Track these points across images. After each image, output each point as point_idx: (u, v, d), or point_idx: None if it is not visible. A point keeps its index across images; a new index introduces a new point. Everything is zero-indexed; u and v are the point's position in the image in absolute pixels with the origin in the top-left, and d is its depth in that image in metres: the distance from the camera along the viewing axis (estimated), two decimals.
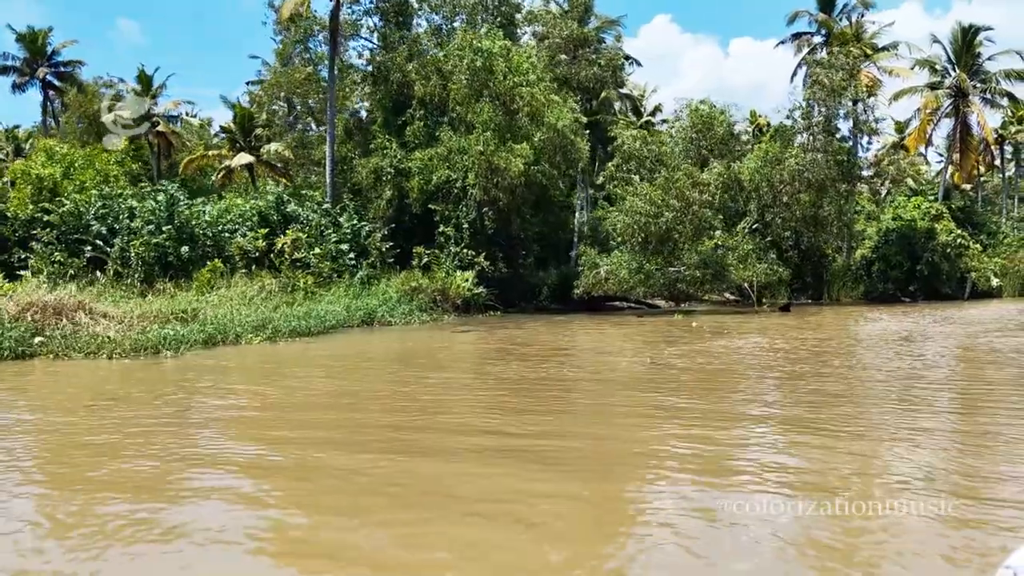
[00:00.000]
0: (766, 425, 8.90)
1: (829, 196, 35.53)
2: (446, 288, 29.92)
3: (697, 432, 8.46)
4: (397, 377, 13.43)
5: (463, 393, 11.81)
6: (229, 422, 9.57)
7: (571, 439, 8.41)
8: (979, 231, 47.77)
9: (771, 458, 7.52)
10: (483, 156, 30.03)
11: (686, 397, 11.04)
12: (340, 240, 30.38)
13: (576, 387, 12.25)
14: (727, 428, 8.68)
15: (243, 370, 14.69)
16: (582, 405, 10.91)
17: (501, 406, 10.49)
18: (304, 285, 26.82)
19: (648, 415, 9.63)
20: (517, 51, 32.24)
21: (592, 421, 9.59)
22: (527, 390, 11.76)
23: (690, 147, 34.62)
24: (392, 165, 32.78)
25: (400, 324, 25.79)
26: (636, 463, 7.55)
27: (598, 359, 15.74)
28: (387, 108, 33.81)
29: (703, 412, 9.73)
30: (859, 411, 9.75)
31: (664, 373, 13.36)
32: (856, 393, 11.14)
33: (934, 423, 9.09)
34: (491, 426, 9.17)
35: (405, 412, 10.11)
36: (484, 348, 19.20)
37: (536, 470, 7.12)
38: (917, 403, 10.24)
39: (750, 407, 10.15)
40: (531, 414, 9.85)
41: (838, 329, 22.02)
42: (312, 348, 18.42)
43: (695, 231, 30.22)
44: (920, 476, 6.54)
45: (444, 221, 31.96)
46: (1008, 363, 14.22)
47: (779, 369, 13.77)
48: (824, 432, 8.36)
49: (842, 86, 32.99)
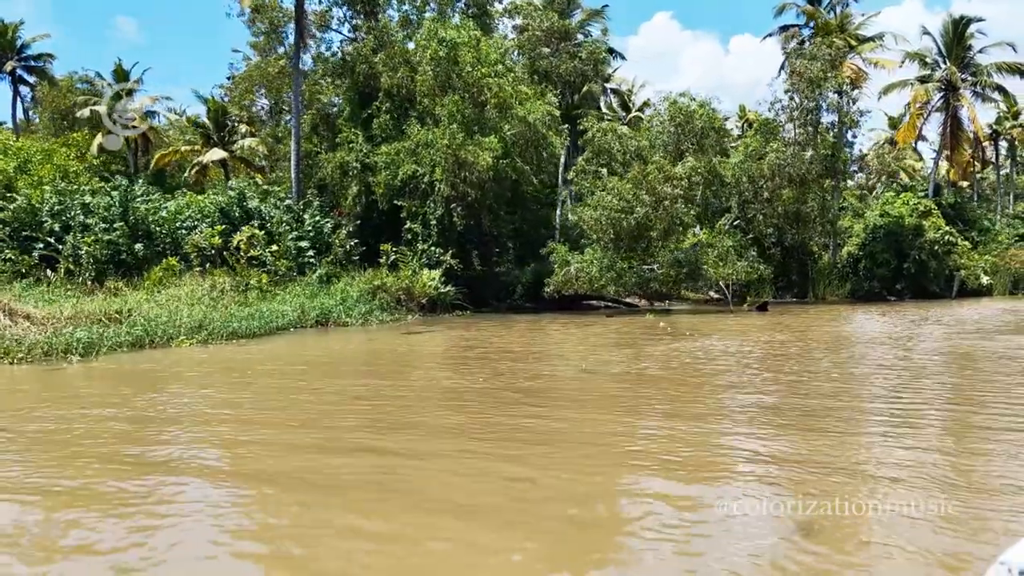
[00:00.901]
0: (648, 471, 7.25)
1: (812, 192, 34.46)
2: (411, 287, 28.89)
3: (546, 474, 7.37)
4: (296, 385, 12.36)
5: (354, 404, 10.71)
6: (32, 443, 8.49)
7: (405, 467, 7.36)
8: (970, 228, 46.64)
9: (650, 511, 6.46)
10: (450, 150, 28.97)
11: (587, 412, 9.91)
12: (301, 237, 29.36)
13: (473, 399, 11.04)
14: (597, 469, 7.48)
15: (138, 377, 13.61)
16: (457, 422, 9.76)
17: (377, 422, 9.42)
18: (258, 284, 25.78)
19: (512, 442, 8.36)
20: (486, 41, 31.15)
21: (442, 447, 8.41)
22: (419, 403, 10.71)
23: (668, 141, 33.48)
24: (358, 160, 31.72)
25: (357, 325, 24.74)
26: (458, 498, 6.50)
27: (532, 365, 14.63)
28: (353, 101, 32.75)
29: (584, 439, 8.62)
30: (774, 433, 8.70)
31: (587, 383, 12.26)
32: (787, 407, 10.09)
33: (853, 453, 8.04)
34: (352, 442, 8.16)
35: (281, 427, 9.07)
36: (424, 351, 18.17)
37: (370, 501, 6.09)
38: (845, 427, 9.20)
39: (649, 431, 9.07)
40: (402, 432, 8.81)
41: (807, 330, 20.95)
42: (242, 351, 17.37)
43: (668, 227, 29.10)
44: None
45: (411, 218, 30.92)
46: (973, 372, 13.17)
47: (721, 377, 12.71)
48: (703, 473, 7.30)
49: (821, 77, 31.82)
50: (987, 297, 39.66)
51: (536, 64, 42.89)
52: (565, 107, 46.63)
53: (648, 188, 28.27)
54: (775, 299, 41.43)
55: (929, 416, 9.31)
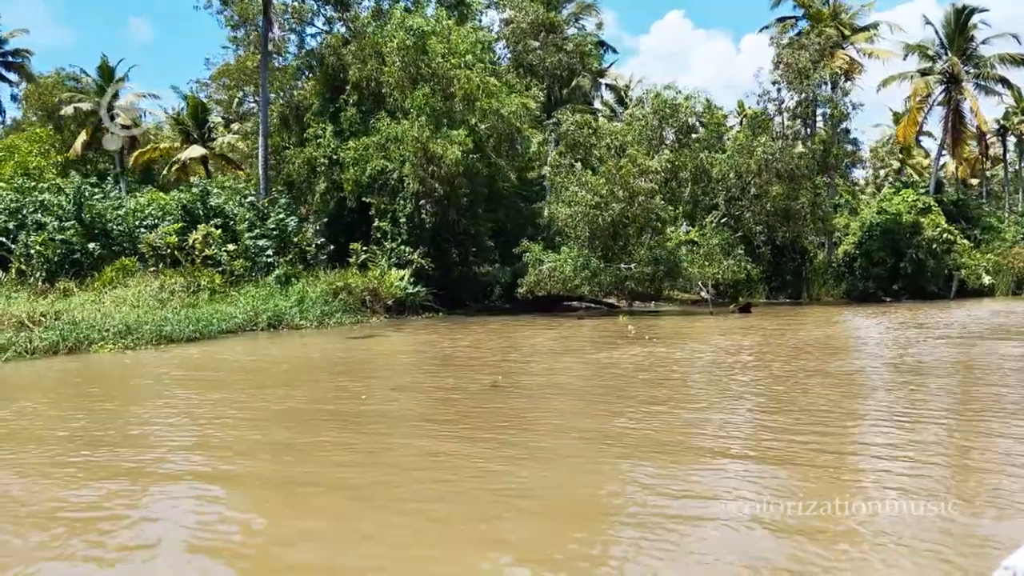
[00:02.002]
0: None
1: (803, 188, 33.01)
2: (378, 288, 27.69)
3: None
4: (163, 399, 11.17)
5: (214, 425, 9.48)
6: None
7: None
8: (973, 226, 44.98)
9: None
10: (418, 143, 27.75)
11: (462, 443, 8.59)
12: (262, 235, 28.21)
13: (354, 421, 9.64)
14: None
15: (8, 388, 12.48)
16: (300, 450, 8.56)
17: (231, 444, 8.21)
18: (210, 284, 24.65)
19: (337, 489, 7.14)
20: (457, 31, 29.91)
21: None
22: (299, 423, 9.48)
23: (652, 135, 32.09)
24: (326, 155, 30.53)
25: (312, 327, 23.58)
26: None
27: (442, 380, 13.26)
28: (322, 94, 31.56)
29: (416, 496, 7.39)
30: (679, 469, 7.44)
31: (489, 403, 10.93)
32: (655, 439, 8.80)
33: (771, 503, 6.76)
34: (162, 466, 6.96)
35: (98, 445, 7.88)
36: (346, 357, 16.96)
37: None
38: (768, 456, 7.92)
39: (528, 456, 7.81)
40: (253, 455, 7.61)
41: (777, 335, 19.60)
42: (164, 358, 16.23)
43: (645, 224, 27.73)
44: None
45: (380, 215, 29.72)
46: (934, 389, 11.84)
47: (631, 391, 11.41)
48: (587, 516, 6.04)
49: (809, 67, 30.32)
50: (988, 298, 38.07)
51: (521, 57, 41.64)
52: (553, 102, 45.42)
53: (622, 183, 26.92)
54: (768, 300, 40.07)
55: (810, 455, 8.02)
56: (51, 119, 53.66)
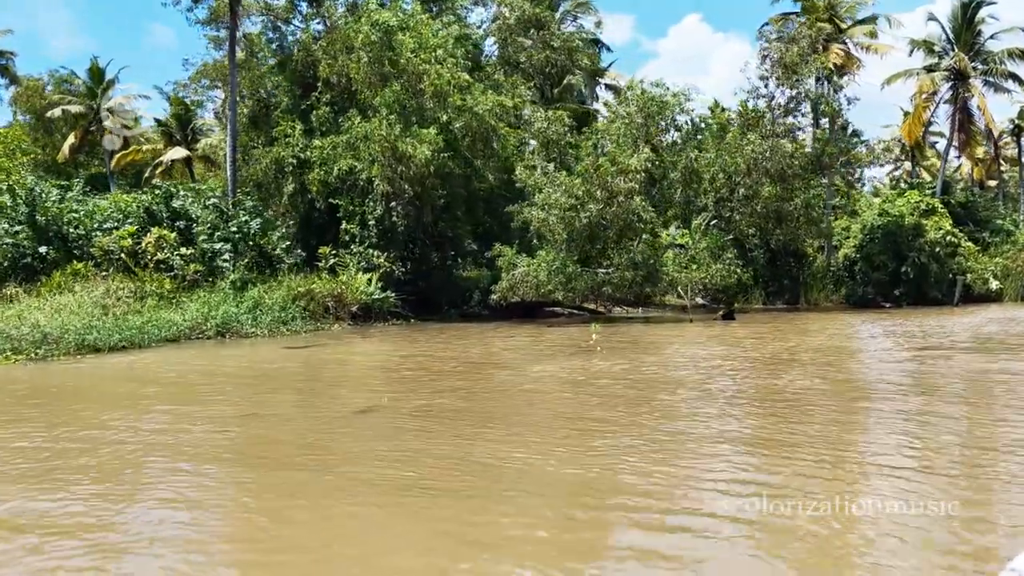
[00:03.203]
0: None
1: (796, 188, 31.40)
2: (342, 293, 26.42)
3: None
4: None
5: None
6: None
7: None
8: (982, 228, 43.10)
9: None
10: (386, 142, 26.49)
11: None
12: (225, 238, 27.00)
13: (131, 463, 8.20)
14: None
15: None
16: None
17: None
18: (159, 289, 23.46)
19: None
20: (427, 25, 28.63)
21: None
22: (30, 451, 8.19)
23: (637, 133, 30.55)
24: (294, 155, 29.34)
25: (264, 335, 22.34)
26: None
27: (338, 399, 11.82)
28: (292, 92, 30.36)
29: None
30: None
31: (335, 434, 9.50)
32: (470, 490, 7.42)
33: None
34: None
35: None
36: (269, 370, 15.67)
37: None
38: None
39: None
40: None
41: (752, 345, 18.12)
42: (71, 370, 15.02)
43: (624, 226, 26.24)
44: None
45: (348, 218, 28.48)
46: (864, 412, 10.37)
47: (509, 417, 10.03)
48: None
49: (796, 61, 28.71)
50: (995, 303, 36.21)
51: (508, 54, 40.31)
52: (544, 101, 44.08)
53: (599, 183, 25.49)
54: (765, 305, 38.46)
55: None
56: (40, 121, 53.05)
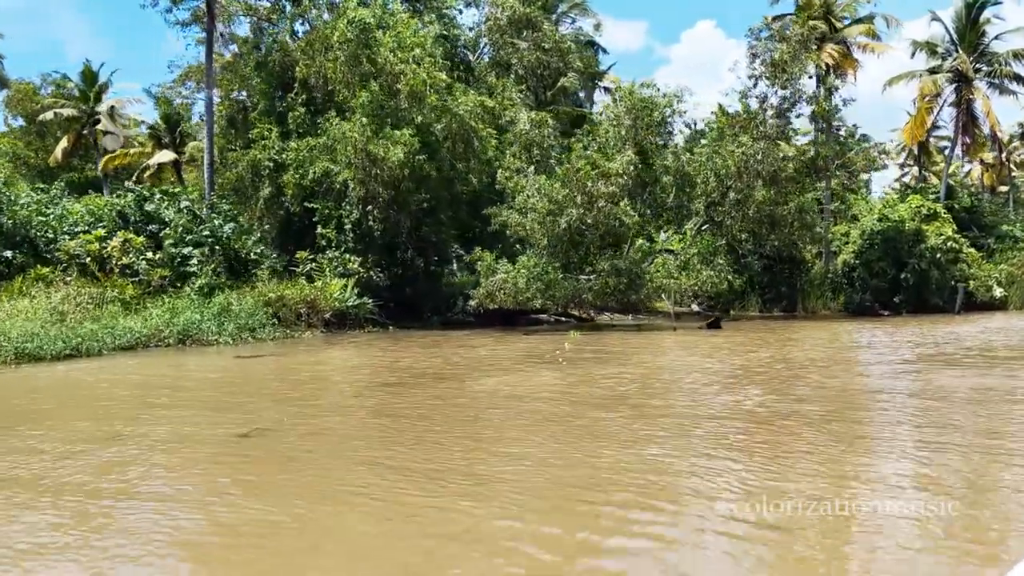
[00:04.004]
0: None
1: (789, 192, 30.35)
2: (316, 300, 25.61)
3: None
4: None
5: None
6: None
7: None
8: (987, 234, 41.92)
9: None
10: (360, 144, 25.70)
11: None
12: (195, 243, 26.23)
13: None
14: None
15: None
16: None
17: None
18: (121, 295, 22.69)
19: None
20: (406, 24, 27.83)
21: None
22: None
23: (626, 136, 29.56)
24: (270, 158, 28.58)
25: (228, 343, 21.54)
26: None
27: (222, 422, 10.87)
28: (268, 93, 29.62)
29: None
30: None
31: (190, 460, 8.71)
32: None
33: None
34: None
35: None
36: (201, 379, 14.84)
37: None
38: None
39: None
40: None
41: (726, 355, 17.16)
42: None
43: (606, 231, 25.30)
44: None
45: (324, 222, 27.70)
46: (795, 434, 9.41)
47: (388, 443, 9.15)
48: None
49: (786, 60, 27.67)
50: (999, 311, 35.03)
51: (500, 56, 39.54)
52: (538, 103, 43.30)
53: (579, 186, 24.58)
54: (761, 312, 37.43)
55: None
56: (32, 124, 52.68)
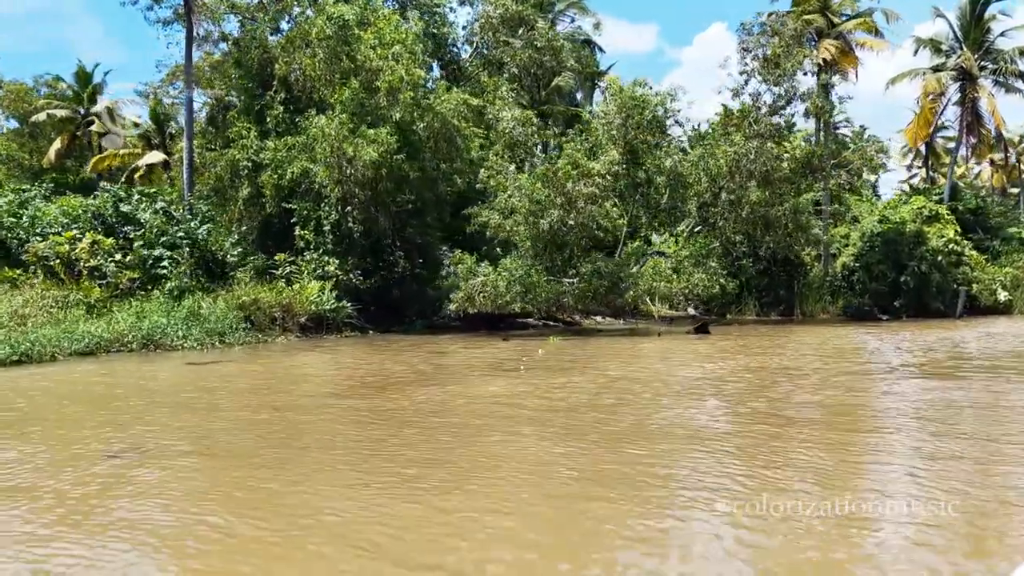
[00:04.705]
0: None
1: (784, 192, 29.46)
2: (291, 303, 24.89)
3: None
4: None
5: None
6: None
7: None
8: (993, 236, 40.83)
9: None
10: (336, 143, 24.98)
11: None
12: (169, 244, 25.58)
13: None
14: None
15: None
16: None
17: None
18: (86, 298, 22.04)
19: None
20: (387, 20, 27.11)
21: None
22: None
23: (616, 135, 28.71)
24: (249, 158, 27.90)
25: (196, 348, 20.84)
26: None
27: (86, 446, 10.31)
28: (248, 91, 28.94)
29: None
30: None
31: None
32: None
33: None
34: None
35: None
36: (126, 390, 14.06)
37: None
38: None
39: None
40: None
41: (698, 363, 16.32)
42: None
43: (584, 233, 24.49)
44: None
45: (303, 223, 26.99)
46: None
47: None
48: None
49: (778, 55, 26.75)
50: (1003, 316, 33.97)
51: (492, 55, 38.78)
52: (532, 103, 42.56)
53: (558, 187, 23.77)
54: (758, 317, 36.51)
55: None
56: (26, 126, 52.34)
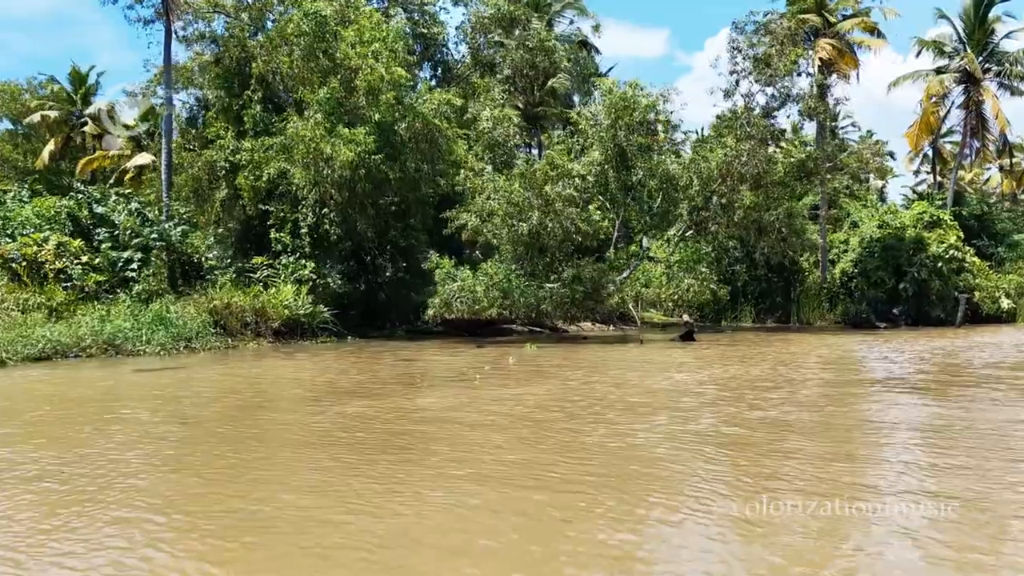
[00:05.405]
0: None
1: (777, 196, 28.59)
2: (264, 307, 24.22)
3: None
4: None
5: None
6: None
7: None
8: (998, 243, 39.79)
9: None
10: (313, 143, 24.32)
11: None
12: (141, 246, 24.92)
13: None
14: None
15: None
16: None
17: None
18: (48, 302, 21.40)
19: None
20: (367, 17, 26.45)
21: None
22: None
23: (605, 137, 27.88)
24: (226, 158, 27.27)
25: (156, 354, 20.18)
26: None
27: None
28: (226, 90, 28.32)
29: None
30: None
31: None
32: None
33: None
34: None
35: None
36: (33, 400, 13.36)
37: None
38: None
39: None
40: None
41: (672, 375, 15.51)
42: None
43: (564, 237, 23.68)
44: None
45: (279, 225, 26.33)
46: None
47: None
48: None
49: (769, 54, 25.89)
50: (1005, 324, 32.92)
51: (484, 56, 38.17)
52: (526, 105, 41.91)
53: (536, 188, 23.00)
54: (755, 324, 35.65)
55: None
56: (20, 127, 52.03)
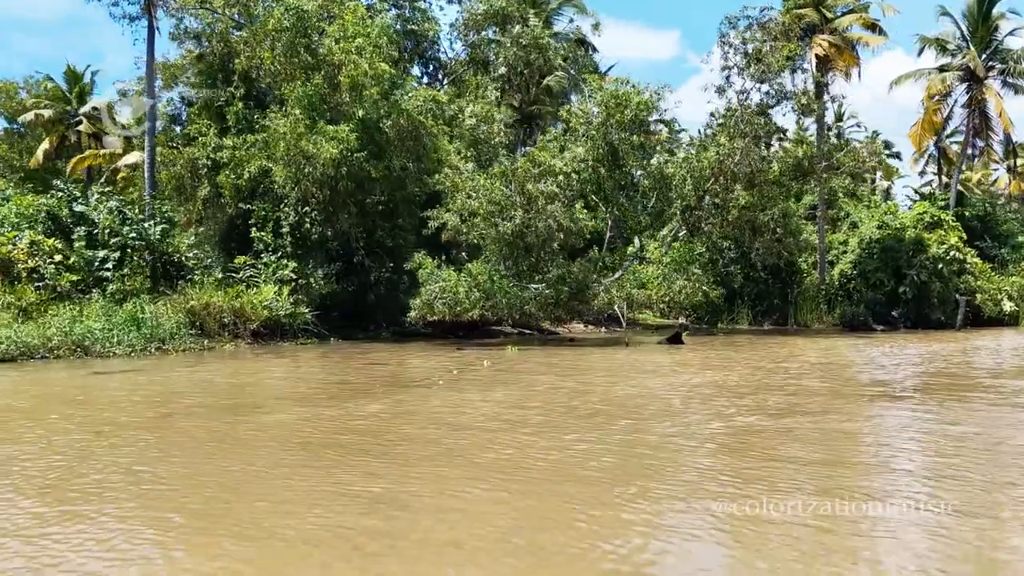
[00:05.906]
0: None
1: (772, 196, 27.91)
2: (243, 308, 23.70)
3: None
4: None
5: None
6: None
7: None
8: (1001, 244, 39.00)
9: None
10: (293, 140, 23.81)
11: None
12: (119, 245, 24.40)
13: None
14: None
15: None
16: None
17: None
18: (18, 300, 20.90)
19: None
20: (351, 10, 25.91)
21: None
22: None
23: (596, 135, 27.22)
24: (208, 156, 26.79)
25: (127, 355, 19.69)
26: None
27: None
28: (208, 86, 27.86)
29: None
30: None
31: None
32: None
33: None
34: None
35: None
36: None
37: None
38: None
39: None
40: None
41: (646, 380, 14.90)
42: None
43: (547, 237, 23.06)
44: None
45: (260, 224, 25.81)
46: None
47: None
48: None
49: (764, 50, 25.20)
50: (1009, 328, 32.16)
51: (477, 53, 37.52)
52: (521, 104, 41.34)
53: (518, 187, 22.41)
54: (752, 326, 34.95)
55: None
56: (15, 125, 51.83)
